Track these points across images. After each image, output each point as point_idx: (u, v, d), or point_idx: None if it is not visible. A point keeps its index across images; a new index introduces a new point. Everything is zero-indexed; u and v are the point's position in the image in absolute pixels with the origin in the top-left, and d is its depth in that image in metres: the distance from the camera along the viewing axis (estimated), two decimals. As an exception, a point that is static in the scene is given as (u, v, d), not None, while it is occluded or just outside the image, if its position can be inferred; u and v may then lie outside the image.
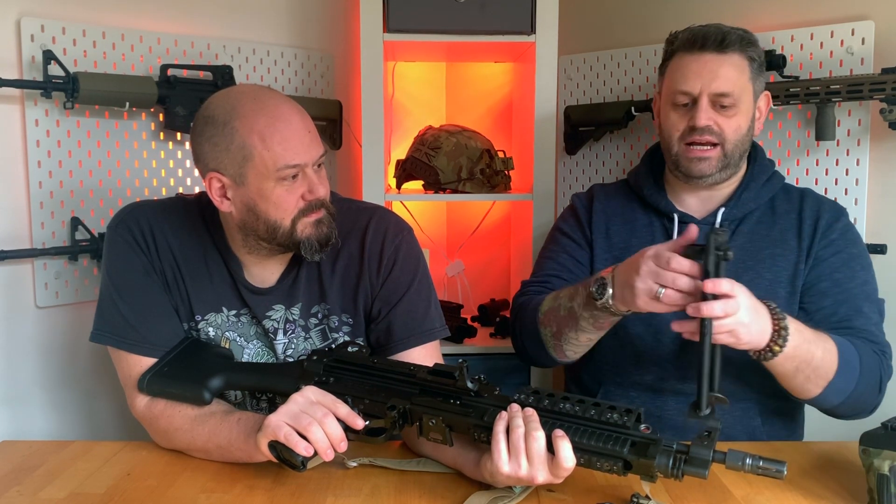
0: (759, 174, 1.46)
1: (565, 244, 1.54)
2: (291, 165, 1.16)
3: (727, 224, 1.43)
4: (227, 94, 1.21)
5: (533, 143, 2.00)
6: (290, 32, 2.12)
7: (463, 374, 1.04)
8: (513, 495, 1.04)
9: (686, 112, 1.39)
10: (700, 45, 1.37)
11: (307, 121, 1.20)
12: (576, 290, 1.30)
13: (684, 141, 1.39)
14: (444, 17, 1.92)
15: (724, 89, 1.35)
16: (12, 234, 1.62)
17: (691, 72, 1.37)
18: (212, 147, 1.17)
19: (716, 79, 1.35)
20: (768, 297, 1.35)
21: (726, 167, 1.39)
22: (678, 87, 1.38)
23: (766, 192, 1.45)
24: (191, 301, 1.28)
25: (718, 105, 1.36)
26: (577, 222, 1.55)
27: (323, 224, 1.21)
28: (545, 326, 1.38)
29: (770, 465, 0.92)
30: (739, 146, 1.39)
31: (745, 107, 1.38)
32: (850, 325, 1.34)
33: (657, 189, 1.49)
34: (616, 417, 0.96)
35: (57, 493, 1.07)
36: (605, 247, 1.50)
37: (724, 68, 1.35)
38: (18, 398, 1.67)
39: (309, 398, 1.06)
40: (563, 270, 1.50)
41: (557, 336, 1.35)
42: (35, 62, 1.60)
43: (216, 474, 1.13)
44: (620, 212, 1.53)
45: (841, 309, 1.36)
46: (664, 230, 1.47)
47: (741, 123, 1.38)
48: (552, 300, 1.37)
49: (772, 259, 1.41)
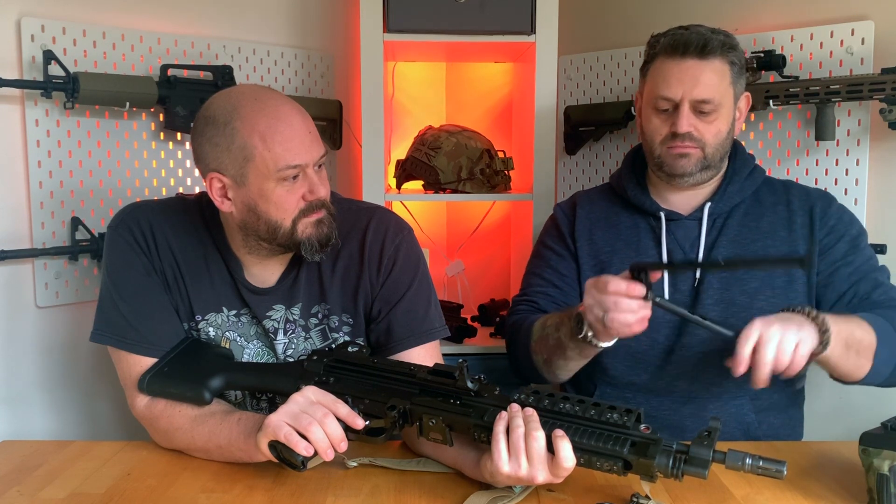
0: (742, 168, 1.47)
1: (548, 258, 1.55)
2: (292, 166, 1.16)
3: (714, 218, 1.45)
4: (227, 94, 1.21)
5: (533, 143, 2.00)
6: (290, 32, 2.12)
7: (463, 373, 1.04)
8: (513, 495, 1.04)
9: (668, 117, 1.40)
10: (682, 51, 1.37)
11: (308, 121, 1.20)
12: (561, 321, 1.33)
13: (666, 145, 1.41)
14: (444, 17, 1.92)
15: (704, 96, 1.36)
16: (12, 234, 1.62)
17: (673, 77, 1.38)
18: (212, 147, 1.17)
19: (697, 85, 1.36)
20: (764, 287, 1.37)
21: (706, 168, 1.41)
22: (660, 93, 1.40)
23: (750, 184, 1.46)
24: (191, 301, 1.28)
25: (699, 111, 1.38)
26: (559, 234, 1.56)
27: (323, 224, 1.22)
28: (536, 354, 1.41)
29: (770, 465, 0.92)
30: (720, 149, 1.41)
31: (726, 111, 1.39)
32: (871, 299, 1.37)
33: (640, 190, 1.50)
34: (616, 417, 0.96)
35: (57, 493, 1.08)
36: (590, 253, 1.51)
37: (706, 74, 1.36)
38: (18, 398, 1.67)
39: (309, 398, 1.06)
40: (548, 286, 1.52)
41: (548, 363, 1.39)
42: (35, 62, 1.60)
43: (216, 474, 1.13)
44: (604, 216, 1.53)
45: (860, 288, 1.38)
46: (650, 230, 1.48)
47: (721, 128, 1.39)
48: (541, 328, 1.40)
49: (764, 250, 1.42)
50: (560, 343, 1.32)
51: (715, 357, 1.40)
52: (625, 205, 1.52)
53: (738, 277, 1.40)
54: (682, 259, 1.43)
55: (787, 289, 1.40)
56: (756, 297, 1.39)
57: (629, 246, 1.48)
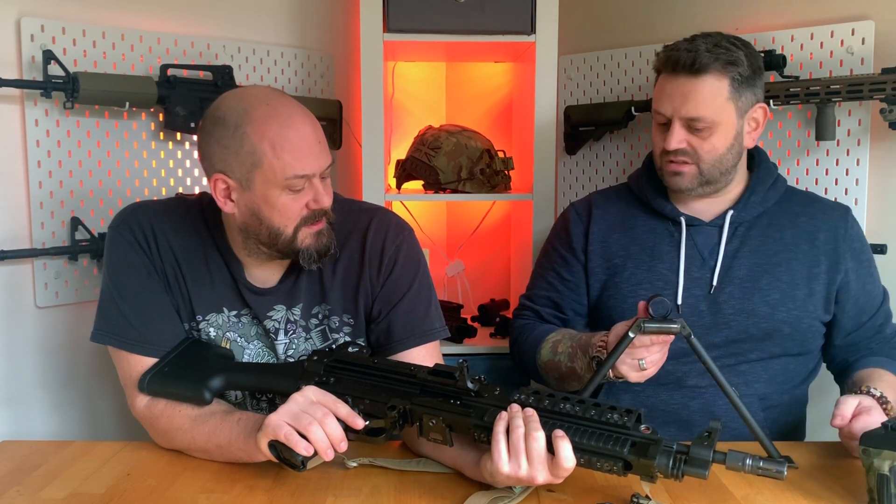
0: (766, 177, 1.48)
1: (554, 260, 1.56)
2: (300, 175, 1.16)
3: (736, 226, 1.45)
4: (239, 95, 1.20)
5: (533, 143, 2.00)
6: (290, 32, 2.12)
7: (463, 374, 1.04)
8: (513, 495, 1.04)
9: (664, 132, 1.41)
10: (672, 68, 1.37)
11: (318, 130, 1.20)
12: (574, 352, 1.34)
13: (664, 158, 1.42)
14: (444, 17, 1.92)
15: (693, 114, 1.35)
16: (12, 234, 1.62)
17: (665, 94, 1.39)
18: (221, 149, 1.17)
19: (686, 102, 1.36)
20: (786, 298, 1.40)
21: (707, 183, 1.41)
22: (655, 107, 1.41)
23: (773, 194, 1.46)
24: (192, 301, 1.28)
25: (693, 128, 1.37)
26: (567, 237, 1.56)
27: (323, 235, 1.22)
28: (547, 373, 1.43)
29: (770, 465, 0.92)
30: (718, 165, 1.40)
31: (724, 126, 1.38)
32: (883, 331, 1.46)
33: (660, 194, 1.50)
34: (616, 418, 0.96)
35: (57, 493, 1.08)
36: (603, 255, 1.51)
37: (696, 91, 1.35)
38: (18, 398, 1.67)
39: (309, 398, 1.06)
40: (552, 290, 1.54)
41: (560, 381, 1.41)
42: (35, 62, 1.60)
43: (216, 474, 1.13)
44: (621, 219, 1.53)
45: (877, 320, 1.45)
46: (668, 235, 1.47)
47: (717, 144, 1.38)
48: (550, 352, 1.41)
49: (787, 263, 1.42)
50: (573, 371, 1.35)
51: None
52: (643, 208, 1.52)
53: (759, 287, 1.41)
54: None
55: (807, 301, 1.41)
56: (777, 308, 1.40)
57: (644, 250, 1.48)
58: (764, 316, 1.39)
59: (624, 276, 1.47)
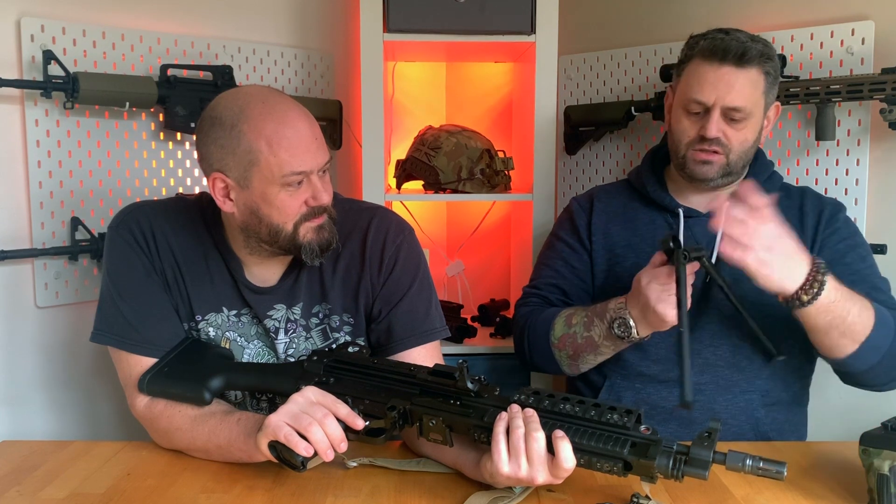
0: (761, 172, 1.49)
1: (561, 249, 1.57)
2: (297, 172, 1.16)
3: None
4: (235, 95, 1.20)
5: (533, 143, 1.99)
6: (290, 32, 2.12)
7: (463, 374, 1.04)
8: (513, 495, 1.04)
9: (698, 120, 1.40)
10: (721, 57, 1.37)
11: (315, 127, 1.20)
12: (591, 321, 1.36)
13: (692, 147, 1.41)
14: (444, 17, 1.92)
15: (737, 104, 1.36)
16: (12, 234, 1.62)
17: (707, 82, 1.37)
18: (218, 148, 1.17)
19: (731, 92, 1.36)
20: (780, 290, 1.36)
21: (728, 174, 1.42)
22: (693, 96, 1.39)
23: (768, 188, 1.46)
24: (191, 301, 1.28)
25: (730, 118, 1.38)
26: (573, 226, 1.57)
27: (324, 229, 1.22)
28: (560, 350, 1.42)
29: (770, 466, 0.92)
30: (744, 156, 1.42)
31: (755, 120, 1.40)
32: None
33: (660, 187, 1.51)
34: (616, 418, 0.96)
35: (57, 493, 1.08)
36: (605, 246, 1.52)
37: (741, 83, 1.36)
38: (18, 398, 1.67)
39: (309, 398, 1.06)
40: (559, 278, 1.54)
41: (574, 358, 1.41)
42: (35, 62, 1.60)
43: (216, 474, 1.13)
44: (622, 211, 1.55)
45: (857, 288, 1.36)
46: (667, 226, 1.49)
47: (748, 136, 1.40)
48: (564, 325, 1.41)
49: None
50: (591, 341, 1.36)
51: (726, 351, 1.42)
52: (643, 200, 1.54)
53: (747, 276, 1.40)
54: None
55: None
56: (765, 293, 1.39)
57: (645, 241, 1.49)
58: (753, 302, 1.38)
59: (625, 267, 1.48)
